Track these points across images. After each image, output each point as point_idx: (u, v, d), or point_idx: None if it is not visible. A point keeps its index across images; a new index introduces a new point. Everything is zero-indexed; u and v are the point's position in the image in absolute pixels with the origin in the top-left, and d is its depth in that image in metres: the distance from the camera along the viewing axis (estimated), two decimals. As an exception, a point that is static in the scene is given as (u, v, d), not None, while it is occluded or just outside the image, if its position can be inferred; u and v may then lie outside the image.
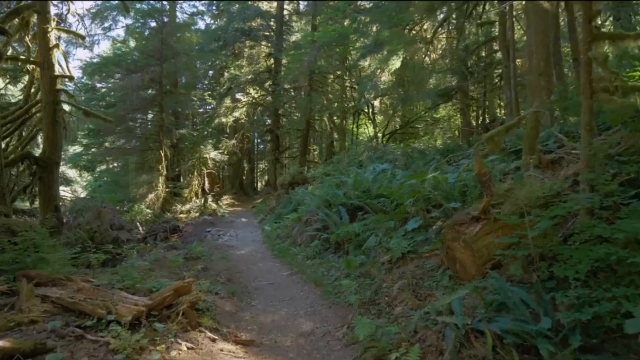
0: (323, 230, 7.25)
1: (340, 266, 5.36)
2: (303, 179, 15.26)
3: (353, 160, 13.15)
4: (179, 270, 5.49)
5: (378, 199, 6.98)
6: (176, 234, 13.17)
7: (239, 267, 6.31)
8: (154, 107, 15.93)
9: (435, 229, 4.81)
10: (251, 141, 33.40)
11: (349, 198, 7.39)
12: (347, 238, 5.98)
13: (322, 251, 6.62)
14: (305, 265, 6.00)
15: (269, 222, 12.54)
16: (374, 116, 17.52)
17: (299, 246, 7.46)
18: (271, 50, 20.28)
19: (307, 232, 7.46)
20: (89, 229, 10.02)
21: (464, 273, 3.46)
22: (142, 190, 14.18)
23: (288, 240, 8.03)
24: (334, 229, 6.71)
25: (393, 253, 4.45)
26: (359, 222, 6.40)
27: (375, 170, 7.95)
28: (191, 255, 6.87)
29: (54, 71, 7.92)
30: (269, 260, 7.02)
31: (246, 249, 8.29)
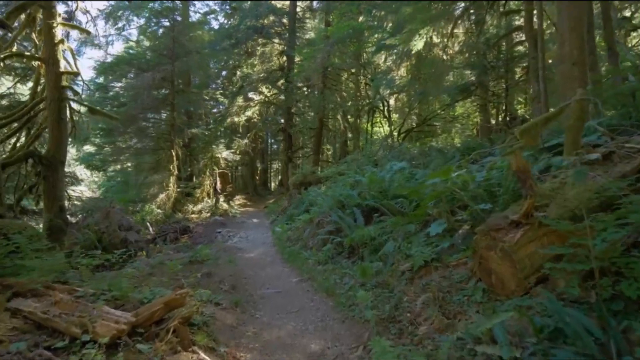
0: (336, 233, 6.77)
1: (354, 273, 4.87)
2: (316, 179, 14.82)
3: (367, 160, 12.64)
4: (181, 275, 5.10)
5: (395, 199, 6.47)
6: (186, 235, 12.90)
7: (245, 272, 5.89)
8: (165, 107, 15.75)
9: (462, 234, 4.28)
10: (264, 141, 33.25)
11: (364, 199, 6.90)
12: (362, 242, 5.49)
13: (335, 256, 6.15)
14: (316, 271, 5.53)
15: (280, 223, 12.13)
16: (390, 114, 16.92)
17: (310, 250, 7.00)
18: (284, 47, 19.94)
19: (319, 235, 7.00)
20: (97, 229, 9.80)
21: (500, 287, 2.93)
22: (153, 190, 13.99)
23: (299, 243, 7.58)
24: (348, 232, 6.23)
25: (414, 261, 3.94)
26: (375, 225, 5.90)
27: (392, 169, 7.43)
28: (196, 259, 6.50)
29: (59, 67, 7.69)
30: (278, 264, 6.58)
31: (255, 252, 7.88)
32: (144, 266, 7.01)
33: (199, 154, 18.77)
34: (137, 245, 10.10)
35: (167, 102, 15.62)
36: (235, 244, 9.07)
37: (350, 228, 6.27)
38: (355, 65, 18.08)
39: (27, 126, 8.45)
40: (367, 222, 6.54)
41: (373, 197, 6.87)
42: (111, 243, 9.76)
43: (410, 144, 14.86)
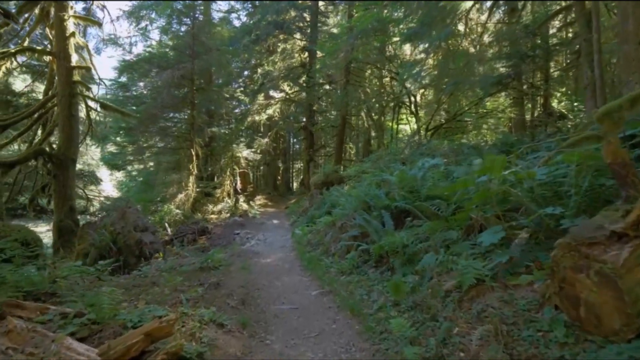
0: (361, 238, 6.03)
1: (384, 289, 4.12)
2: (338, 178, 14.09)
3: (393, 158, 11.80)
4: (186, 286, 4.50)
5: (429, 200, 5.67)
6: (204, 236, 12.48)
7: (259, 281, 5.24)
8: (186, 105, 15.44)
9: (519, 244, 3.45)
10: (287, 140, 32.80)
11: (393, 200, 6.12)
12: (393, 250, 4.72)
13: (360, 264, 5.41)
14: (339, 283, 4.81)
15: (300, 225, 11.49)
16: (417, 109, 15.94)
17: (332, 256, 6.29)
18: (305, 43, 19.31)
19: (342, 240, 6.28)
20: (113, 230, 9.47)
21: (595, 324, 2.12)
22: (171, 190, 13.67)
23: (320, 248, 6.88)
24: (375, 238, 5.47)
25: (463, 278, 3.15)
26: (407, 230, 5.12)
27: (424, 166, 6.60)
28: (208, 265, 5.92)
29: (71, 62, 7.34)
30: (296, 272, 5.91)
31: (272, 257, 7.24)
32: (154, 271, 6.53)
33: (219, 153, 18.42)
34: (152, 247, 9.70)
35: (187, 101, 15.30)
36: (252, 247, 8.47)
37: (377, 233, 5.52)
38: (380, 60, 17.21)
39: (42, 123, 8.17)
40: (397, 227, 5.77)
41: (403, 197, 6.07)
42: (126, 244, 9.40)
43: (438, 141, 13.89)
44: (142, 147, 14.78)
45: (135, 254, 9.48)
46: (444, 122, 17.05)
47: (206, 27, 17.14)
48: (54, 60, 7.71)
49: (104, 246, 9.32)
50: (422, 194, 5.89)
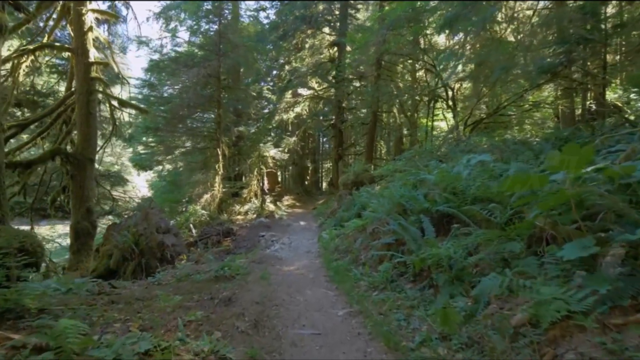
0: (396, 246, 5.25)
1: (426, 313, 3.35)
2: (369, 178, 13.28)
3: (429, 155, 10.85)
4: (192, 301, 3.92)
5: (478, 203, 4.81)
6: (229, 238, 12.09)
7: (278, 295, 4.58)
8: (212, 104, 15.18)
9: (612, 263, 2.57)
10: (316, 140, 32.23)
11: (433, 202, 5.28)
12: (437, 264, 3.91)
13: (395, 277, 4.63)
14: (370, 301, 4.07)
15: (328, 227, 10.80)
16: (455, 103, 14.79)
17: (361, 266, 5.54)
18: (335, 38, 18.59)
19: (373, 248, 5.52)
20: (135, 231, 9.21)
21: None
22: (197, 191, 13.40)
23: (348, 256, 6.15)
24: (413, 247, 4.67)
25: (540, 311, 2.32)
26: (452, 240, 4.29)
27: (470, 164, 5.71)
28: (223, 273, 5.35)
29: (89, 57, 7.06)
30: (321, 284, 5.21)
31: (296, 264, 6.59)
32: (169, 278, 6.07)
33: (247, 153, 18.10)
34: (174, 249, 9.36)
35: (213, 100, 15.04)
36: (275, 252, 7.88)
37: (415, 242, 4.71)
38: (414, 52, 16.19)
39: (64, 122, 7.99)
40: (438, 234, 4.95)
41: (445, 200, 5.23)
42: (148, 246, 9.09)
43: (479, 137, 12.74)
44: (169, 147, 14.63)
45: (157, 257, 9.16)
46: (484, 117, 15.78)
47: (234, 25, 16.88)
48: (74, 57, 7.47)
49: (126, 248, 9.07)
50: (469, 195, 5.02)
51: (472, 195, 4.99)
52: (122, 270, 8.95)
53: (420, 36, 15.21)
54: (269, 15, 23.13)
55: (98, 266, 9.29)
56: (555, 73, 12.98)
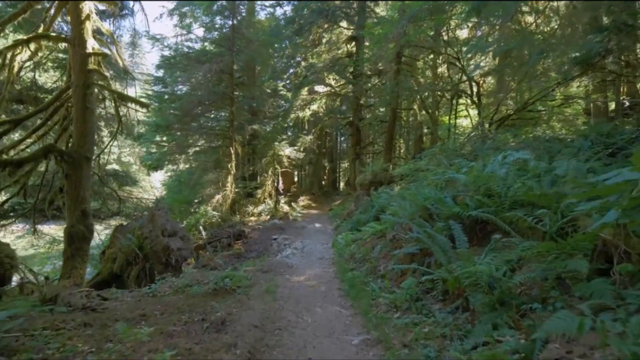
0: (420, 256, 4.52)
1: (463, 348, 2.63)
2: (388, 178, 12.50)
3: (453, 153, 10.01)
4: (169, 332, 3.32)
5: (520, 208, 4.05)
6: (240, 241, 11.57)
7: (283, 314, 3.94)
8: (225, 101, 14.72)
9: None
10: (333, 139, 31.52)
11: (465, 206, 4.52)
12: (474, 284, 3.18)
13: (421, 295, 3.92)
14: (391, 326, 3.38)
15: (344, 230, 10.12)
16: (480, 98, 13.83)
17: (380, 278, 4.84)
18: (352, 32, 17.86)
19: (394, 258, 4.81)
20: (140, 234, 8.77)
21: None
22: (208, 191, 12.95)
23: (365, 266, 5.45)
24: (441, 259, 3.94)
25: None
26: (492, 253, 3.53)
27: (506, 162, 4.92)
28: (224, 286, 4.75)
29: (86, 48, 6.61)
30: (334, 300, 4.53)
31: (307, 273, 5.94)
32: (167, 288, 5.52)
33: (261, 152, 17.59)
34: (179, 253, 8.87)
35: (226, 97, 14.57)
36: (286, 258, 7.25)
37: (445, 253, 3.98)
38: (436, 45, 15.29)
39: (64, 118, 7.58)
40: (470, 243, 4.20)
41: (478, 203, 4.47)
42: (153, 250, 8.63)
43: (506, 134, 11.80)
44: (181, 145, 14.24)
45: (162, 261, 8.69)
46: (511, 113, 14.73)
47: (248, 20, 16.39)
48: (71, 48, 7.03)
49: (130, 252, 8.64)
50: (507, 198, 4.25)
51: (511, 198, 4.23)
52: (126, 275, 8.54)
53: (443, 28, 14.33)
54: (285, 12, 22.66)
55: (102, 270, 8.90)
56: (590, 64, 11.81)
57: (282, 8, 22.86)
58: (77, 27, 6.55)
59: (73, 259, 6.29)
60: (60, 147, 6.60)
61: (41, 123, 7.21)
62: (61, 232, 14.87)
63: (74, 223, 6.39)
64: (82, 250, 6.39)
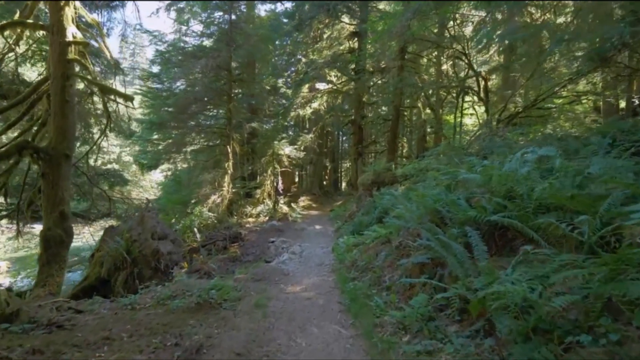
0: (432, 266, 3.97)
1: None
2: (391, 178, 11.93)
3: (461, 151, 9.45)
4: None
5: (546, 212, 3.51)
6: (237, 243, 11.02)
7: (273, 335, 3.40)
8: (222, 98, 14.18)
9: None
10: (335, 138, 30.97)
11: (482, 209, 3.96)
12: (503, 307, 2.62)
13: (434, 314, 3.37)
14: (400, 354, 2.83)
15: (345, 233, 9.57)
16: (487, 95, 13.24)
17: (386, 291, 4.28)
18: (355, 28, 17.31)
19: (401, 269, 4.26)
20: (129, 236, 8.26)
21: None
22: (204, 191, 12.41)
23: (369, 275, 4.89)
24: (457, 271, 3.40)
25: None
26: (519, 267, 2.97)
27: (528, 159, 4.36)
28: (209, 299, 4.21)
29: (65, 36, 6.10)
30: (332, 317, 3.98)
31: (304, 282, 5.39)
32: (149, 300, 4.99)
33: (261, 151, 17.05)
34: (170, 257, 8.36)
35: (223, 93, 14.04)
36: (282, 264, 6.71)
37: (461, 265, 3.43)
38: (441, 40, 14.72)
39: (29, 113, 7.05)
40: (490, 252, 3.65)
41: (498, 207, 3.91)
42: (142, 254, 8.13)
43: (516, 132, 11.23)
44: (177, 144, 13.71)
45: (151, 266, 8.18)
46: (520, 111, 14.15)
47: (248, 15, 15.87)
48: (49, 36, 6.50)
49: (117, 255, 8.13)
50: (532, 201, 3.69)
51: (536, 200, 3.67)
52: (113, 280, 8.04)
53: (449, 22, 13.76)
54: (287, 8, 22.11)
55: (90, 275, 8.40)
56: (605, 59, 11.19)
57: (282, 5, 22.34)
58: (56, 14, 6.03)
59: (49, 266, 5.77)
60: (37, 144, 6.08)
61: (17, 118, 6.69)
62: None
63: (51, 226, 5.86)
64: (59, 256, 5.87)
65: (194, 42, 15.20)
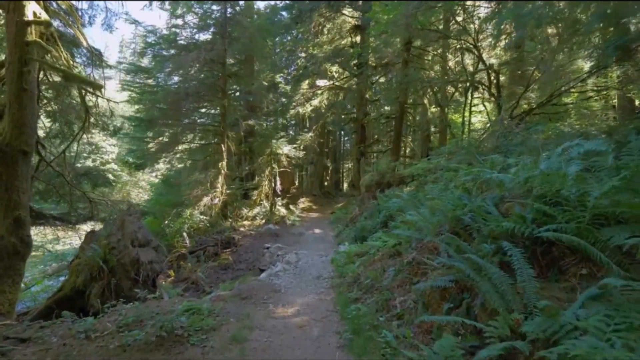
0: (456, 291, 3.11)
1: None
2: (397, 179, 11.08)
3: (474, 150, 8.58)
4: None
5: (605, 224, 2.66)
6: (229, 249, 10.18)
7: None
8: (216, 94, 13.36)
9: None
10: (336, 138, 30.11)
11: (520, 219, 3.10)
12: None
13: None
14: None
15: (347, 239, 8.73)
16: (499, 90, 12.34)
17: (397, 320, 3.42)
18: (357, 20, 16.47)
19: (417, 293, 3.40)
20: (107, 243, 7.43)
21: None
22: (196, 192, 11.57)
23: (375, 297, 4.03)
24: (495, 303, 2.54)
25: None
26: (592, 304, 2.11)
27: (574, 155, 3.50)
28: (173, 329, 3.36)
29: (24, 15, 5.29)
30: (330, 353, 3.12)
31: (298, 302, 4.53)
32: (110, 324, 4.15)
33: (258, 150, 16.21)
34: (151, 267, 7.50)
35: (217, 88, 13.22)
36: (274, 277, 5.85)
37: (501, 295, 2.57)
38: (448, 32, 13.85)
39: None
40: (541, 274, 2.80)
41: (541, 215, 3.06)
42: (120, 263, 7.27)
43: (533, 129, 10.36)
44: (167, 142, 12.87)
45: (131, 276, 7.35)
46: (534, 107, 13.25)
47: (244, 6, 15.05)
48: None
49: (94, 265, 7.31)
50: (587, 209, 2.83)
51: (594, 208, 2.81)
52: (88, 292, 7.22)
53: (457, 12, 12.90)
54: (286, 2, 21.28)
55: (65, 285, 7.56)
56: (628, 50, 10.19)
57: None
58: (12, -11, 5.23)
59: (1, 281, 4.94)
60: (-13, 139, 5.26)
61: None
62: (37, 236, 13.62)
63: (4, 234, 5.04)
64: (12, 270, 5.05)
65: (188, 34, 14.40)
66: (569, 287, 2.74)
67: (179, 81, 13.21)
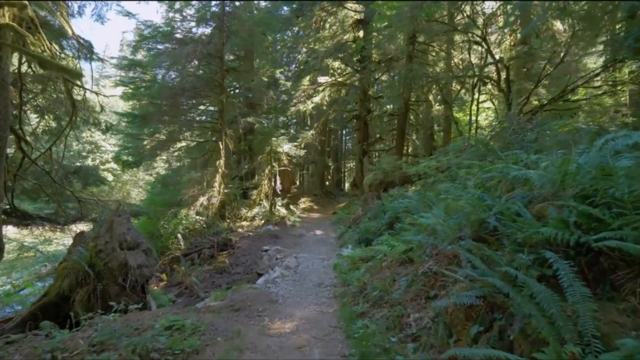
0: (484, 310, 2.59)
1: None
2: (402, 177, 10.54)
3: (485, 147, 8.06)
4: None
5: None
6: (226, 251, 9.68)
7: None
8: (213, 89, 12.85)
9: None
10: (338, 137, 29.59)
11: (561, 224, 2.57)
12: None
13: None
14: None
15: (350, 241, 8.22)
16: (509, 85, 11.79)
17: (413, 342, 2.90)
18: (359, 14, 15.94)
19: (435, 312, 2.88)
20: (94, 246, 6.94)
21: None
22: (191, 192, 11.06)
23: (384, 312, 3.51)
24: (540, 328, 2.02)
25: None
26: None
27: (624, 147, 2.98)
28: (150, 352, 2.85)
29: (-6, -4, 4.80)
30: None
31: (297, 316, 4.02)
32: (82, 342, 3.64)
33: (259, 148, 15.70)
34: (139, 272, 7.00)
35: (215, 84, 12.71)
36: (271, 285, 5.34)
37: (550, 320, 2.04)
38: (455, 25, 13.32)
39: None
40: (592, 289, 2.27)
41: (584, 219, 2.54)
42: (107, 267, 6.79)
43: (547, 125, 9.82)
44: (163, 141, 12.37)
45: (118, 282, 6.85)
46: (545, 103, 12.70)
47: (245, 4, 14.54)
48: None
49: (79, 269, 6.83)
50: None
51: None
52: (72, 298, 6.75)
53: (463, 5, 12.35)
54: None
55: (50, 290, 7.09)
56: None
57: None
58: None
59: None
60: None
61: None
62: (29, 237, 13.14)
63: (-31, 238, 4.55)
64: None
65: (185, 28, 13.89)
66: (630, 308, 2.22)
67: (175, 76, 12.72)
